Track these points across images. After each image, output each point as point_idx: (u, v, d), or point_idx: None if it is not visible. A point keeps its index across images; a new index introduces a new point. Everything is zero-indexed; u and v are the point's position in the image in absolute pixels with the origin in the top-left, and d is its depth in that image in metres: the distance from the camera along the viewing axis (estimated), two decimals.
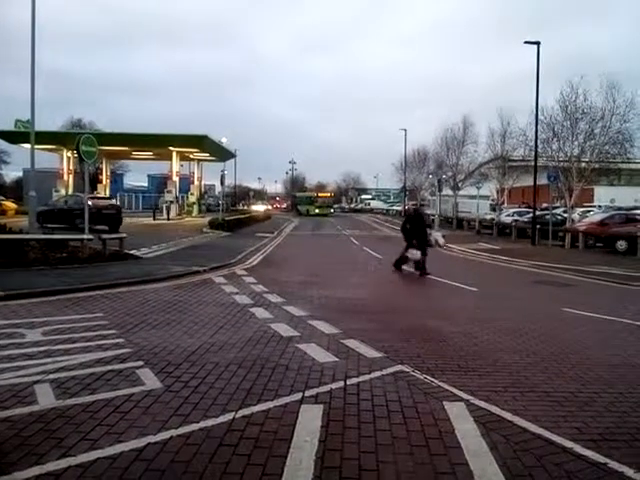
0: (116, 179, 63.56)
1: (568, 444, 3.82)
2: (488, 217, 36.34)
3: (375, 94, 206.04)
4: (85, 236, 14.01)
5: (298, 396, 4.67)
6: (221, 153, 50.39)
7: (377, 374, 5.36)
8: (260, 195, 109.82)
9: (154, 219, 37.22)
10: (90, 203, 27.25)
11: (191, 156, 47.29)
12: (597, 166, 25.98)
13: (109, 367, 5.34)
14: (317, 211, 65.41)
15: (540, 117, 25.59)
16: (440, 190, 35.59)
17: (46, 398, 4.47)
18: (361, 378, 5.21)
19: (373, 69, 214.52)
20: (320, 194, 74.43)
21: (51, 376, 5.01)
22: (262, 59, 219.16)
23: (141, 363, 5.50)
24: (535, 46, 24.68)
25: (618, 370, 5.82)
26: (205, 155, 47.65)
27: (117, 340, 6.40)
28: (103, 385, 4.83)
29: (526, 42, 24.95)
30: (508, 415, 4.34)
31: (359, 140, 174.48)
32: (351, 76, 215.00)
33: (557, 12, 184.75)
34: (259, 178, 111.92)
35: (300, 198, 72.93)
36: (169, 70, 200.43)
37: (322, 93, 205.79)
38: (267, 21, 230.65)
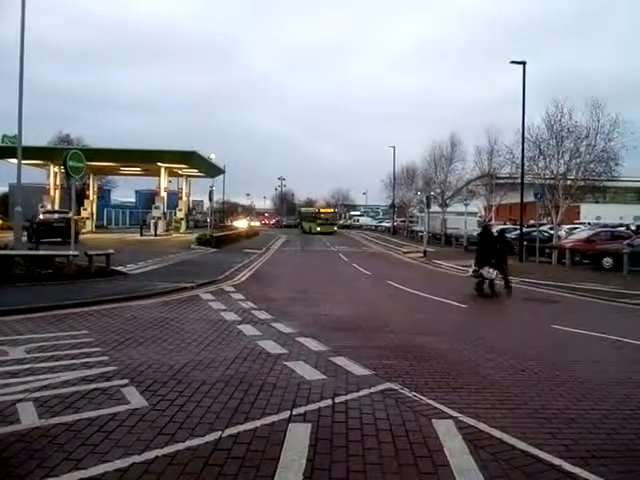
0: (103, 195, 63.20)
1: (556, 461, 3.81)
2: (476, 234, 36.55)
3: (364, 111, 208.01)
4: (71, 252, 13.87)
5: (286, 414, 4.62)
6: (210, 169, 50.37)
7: (365, 392, 5.32)
8: (248, 211, 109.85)
9: (141, 235, 36.97)
10: (41, 217, 28.03)
11: (180, 172, 47.23)
12: (583, 184, 26.35)
13: (93, 385, 5.26)
14: (319, 229, 55.47)
15: (527, 135, 25.98)
16: (428, 207, 35.64)
17: (29, 417, 4.38)
18: (349, 396, 5.18)
19: (362, 86, 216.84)
20: (322, 210, 64.47)
21: (34, 394, 4.92)
22: (251, 75, 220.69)
23: (126, 381, 5.42)
24: (521, 66, 25.11)
25: (605, 387, 5.84)
26: (194, 171, 47.60)
27: (102, 358, 6.31)
28: (87, 404, 4.75)
29: (512, 62, 25.36)
30: (496, 432, 4.32)
31: (348, 156, 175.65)
32: (340, 92, 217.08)
33: (545, 32, 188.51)
34: (247, 194, 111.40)
35: (306, 215, 64.06)
36: (159, 87, 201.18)
37: (311, 109, 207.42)
38: (255, 38, 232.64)
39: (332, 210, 66.03)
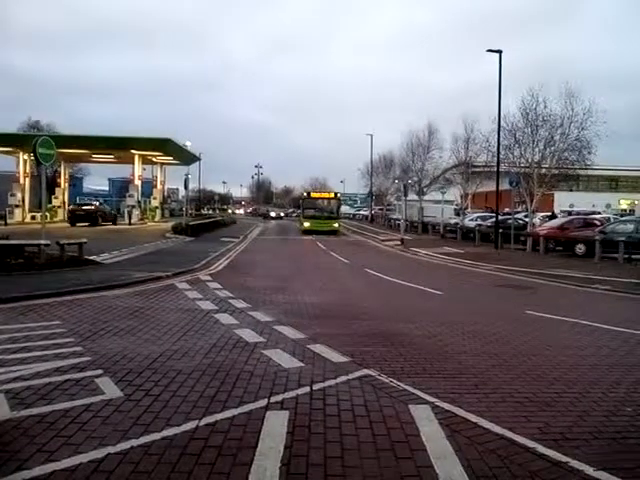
0: (75, 183, 61.93)
1: (530, 444, 3.88)
2: (452, 222, 36.96)
3: (342, 98, 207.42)
4: (42, 242, 13.56)
5: (263, 402, 4.60)
6: (185, 157, 49.73)
7: (343, 379, 5.34)
8: (225, 199, 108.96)
9: (115, 224, 36.41)
10: (71, 207, 33.40)
11: (154, 159, 46.46)
12: (557, 172, 26.71)
13: (67, 376, 5.16)
14: (308, 225, 36.66)
15: (502, 124, 26.19)
16: (406, 195, 35.89)
17: (0, 409, 4.29)
18: (327, 383, 5.18)
19: (340, 73, 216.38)
20: (314, 194, 42.67)
21: (5, 386, 4.81)
22: (230, 62, 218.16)
23: (100, 372, 5.34)
24: (497, 54, 25.25)
25: (577, 370, 5.97)
26: (169, 159, 46.89)
27: (75, 348, 6.20)
28: (60, 395, 4.66)
29: (488, 50, 25.47)
30: (472, 417, 4.38)
31: (326, 144, 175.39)
32: (318, 80, 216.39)
33: (522, 21, 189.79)
34: (224, 182, 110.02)
35: (307, 203, 39.38)
36: (134, 73, 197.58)
37: (289, 97, 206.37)
38: (235, 24, 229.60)
39: (331, 195, 41.32)
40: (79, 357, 5.85)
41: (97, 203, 41.92)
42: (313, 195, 41.45)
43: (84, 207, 37.59)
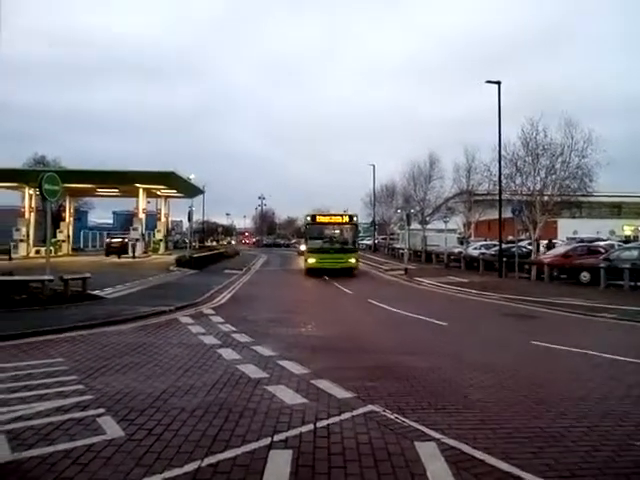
0: (80, 216, 62.37)
1: None
2: (456, 250, 36.90)
3: (343, 128, 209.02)
4: (46, 277, 13.61)
5: (267, 441, 4.54)
6: (189, 189, 50.14)
7: (347, 415, 5.27)
8: (229, 231, 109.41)
9: (119, 257, 36.54)
10: (107, 240, 40.98)
11: (158, 192, 46.85)
12: (559, 199, 26.81)
13: (68, 416, 5.11)
14: (314, 262, 26.94)
15: (503, 153, 26.46)
16: (408, 224, 35.95)
17: (1, 451, 4.24)
18: (331, 420, 5.11)
19: (340, 103, 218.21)
20: (321, 217, 29.44)
21: (7, 427, 4.76)
22: (231, 93, 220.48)
23: (102, 410, 5.29)
24: (496, 85, 25.64)
25: (585, 403, 5.87)
26: (172, 191, 47.28)
27: (77, 386, 6.16)
28: (62, 435, 4.61)
29: (487, 81, 25.91)
30: (478, 453, 4.30)
31: (328, 174, 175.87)
32: (319, 110, 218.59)
33: (522, 48, 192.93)
34: (227, 214, 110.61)
35: (313, 230, 28.62)
36: (136, 107, 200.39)
37: (290, 127, 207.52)
38: (235, 55, 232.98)
39: (345, 218, 28.87)
40: (81, 395, 5.80)
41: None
42: (320, 219, 28.82)
43: (115, 240, 42.83)
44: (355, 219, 29.18)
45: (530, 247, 28.98)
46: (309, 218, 28.84)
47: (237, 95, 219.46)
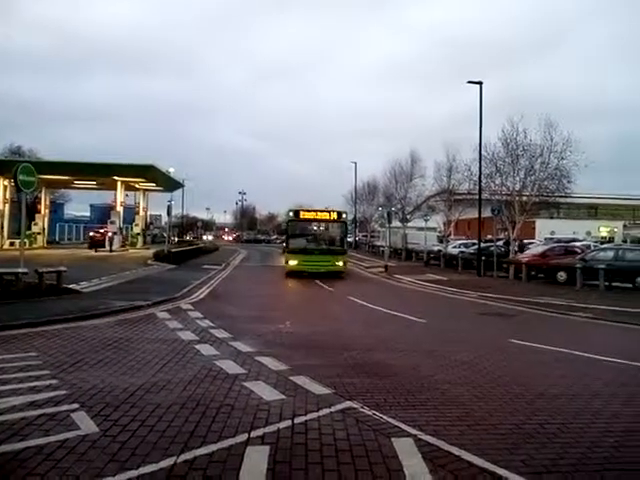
0: (56, 209, 61.19)
1: (515, 478, 3.83)
2: (436, 249, 37.20)
3: (327, 126, 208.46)
4: (20, 270, 13.32)
5: (244, 437, 4.50)
6: (168, 183, 49.61)
7: (325, 411, 5.26)
8: (208, 225, 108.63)
9: (96, 251, 36.02)
10: (91, 234, 38.22)
11: (137, 186, 46.26)
12: (538, 200, 27.16)
13: (41, 411, 5.01)
14: (295, 263, 24.00)
15: (484, 153, 26.69)
16: (389, 222, 36.12)
17: None
18: (309, 416, 5.10)
19: (325, 102, 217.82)
20: (306, 214, 25.81)
21: None
22: (216, 88, 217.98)
23: (76, 406, 5.19)
24: (478, 86, 25.85)
25: (559, 400, 5.95)
26: (151, 185, 46.72)
27: (51, 381, 6.04)
28: (35, 431, 4.51)
29: (469, 82, 26.11)
30: (455, 449, 4.33)
31: (310, 171, 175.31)
32: (304, 108, 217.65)
33: (505, 51, 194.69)
34: (207, 208, 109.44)
35: (295, 227, 25.62)
36: (119, 98, 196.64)
37: (274, 124, 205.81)
38: (223, 50, 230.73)
39: (333, 215, 25.66)
40: (55, 390, 5.69)
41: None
42: (305, 215, 25.60)
43: (99, 233, 41.33)
44: (344, 216, 26.55)
45: (505, 247, 29.36)
46: (292, 214, 25.79)
47: (222, 92, 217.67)
